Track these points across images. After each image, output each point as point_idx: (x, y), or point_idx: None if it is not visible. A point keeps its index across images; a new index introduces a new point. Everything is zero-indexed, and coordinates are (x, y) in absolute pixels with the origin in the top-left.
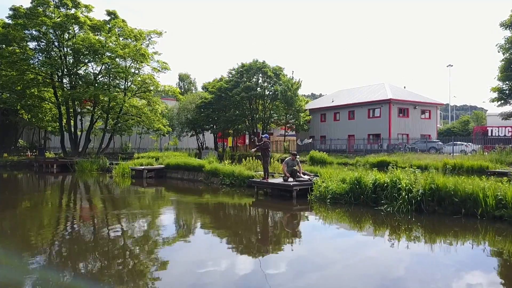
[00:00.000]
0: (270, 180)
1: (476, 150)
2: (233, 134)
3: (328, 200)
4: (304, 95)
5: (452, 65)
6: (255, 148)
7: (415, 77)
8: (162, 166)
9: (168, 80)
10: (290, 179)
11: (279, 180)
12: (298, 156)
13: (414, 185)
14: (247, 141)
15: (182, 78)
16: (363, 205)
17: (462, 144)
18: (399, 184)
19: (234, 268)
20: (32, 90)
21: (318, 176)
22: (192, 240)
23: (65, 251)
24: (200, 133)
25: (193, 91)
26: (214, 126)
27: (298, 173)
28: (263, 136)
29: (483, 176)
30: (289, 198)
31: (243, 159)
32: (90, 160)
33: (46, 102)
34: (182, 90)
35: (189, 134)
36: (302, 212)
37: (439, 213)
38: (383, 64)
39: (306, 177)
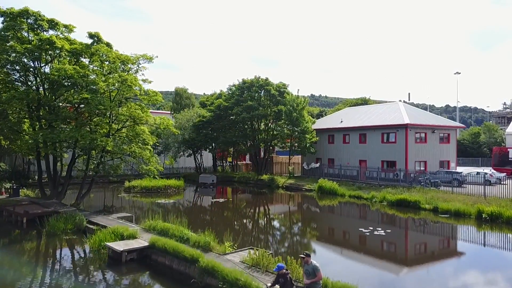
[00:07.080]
0: None
1: (501, 178)
2: (233, 154)
3: None
4: (304, 96)
5: (460, 73)
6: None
7: (415, 78)
8: (146, 244)
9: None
10: None
11: None
12: (311, 259)
13: None
14: (247, 158)
15: (179, 92)
16: None
17: (486, 173)
18: None
19: None
20: (6, 119)
21: None
22: None
23: None
24: (197, 152)
25: (191, 107)
26: (214, 145)
27: None
28: (278, 267)
29: None
30: None
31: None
32: (64, 216)
33: (22, 134)
34: (179, 106)
35: (186, 154)
36: None
37: None
38: (384, 65)
39: None
